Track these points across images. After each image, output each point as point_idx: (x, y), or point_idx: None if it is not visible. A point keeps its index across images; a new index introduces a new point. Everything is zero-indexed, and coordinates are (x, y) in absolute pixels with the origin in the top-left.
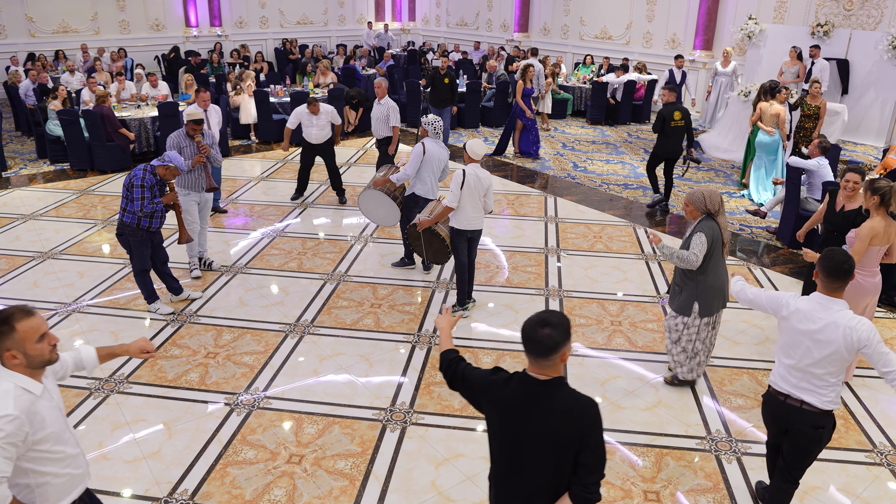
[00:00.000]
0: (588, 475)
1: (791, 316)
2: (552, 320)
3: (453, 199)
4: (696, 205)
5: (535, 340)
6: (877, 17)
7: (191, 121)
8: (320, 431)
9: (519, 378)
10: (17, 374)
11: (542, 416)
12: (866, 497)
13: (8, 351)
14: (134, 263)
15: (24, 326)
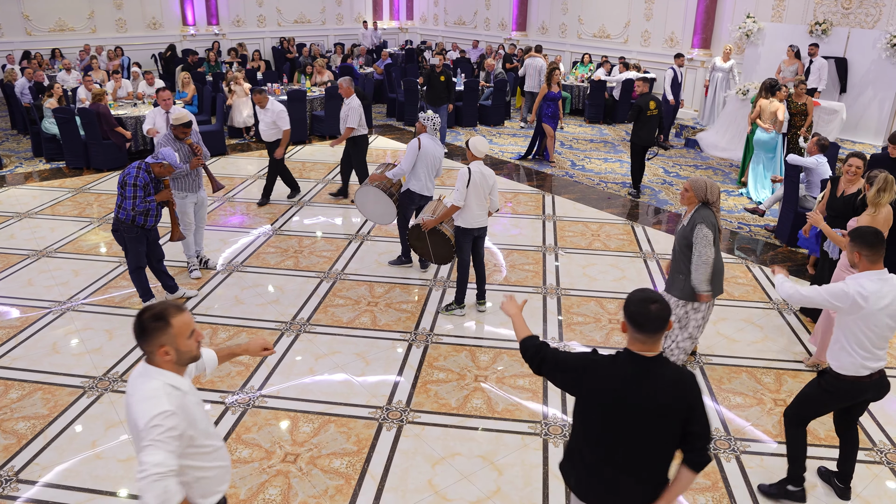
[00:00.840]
0: (699, 440)
1: (869, 302)
2: (655, 296)
3: (460, 197)
4: (697, 192)
5: (651, 317)
6: (875, 16)
7: (179, 125)
8: (316, 430)
9: (626, 356)
10: (166, 372)
11: (653, 390)
12: (866, 496)
13: (161, 347)
14: (129, 260)
15: (178, 322)
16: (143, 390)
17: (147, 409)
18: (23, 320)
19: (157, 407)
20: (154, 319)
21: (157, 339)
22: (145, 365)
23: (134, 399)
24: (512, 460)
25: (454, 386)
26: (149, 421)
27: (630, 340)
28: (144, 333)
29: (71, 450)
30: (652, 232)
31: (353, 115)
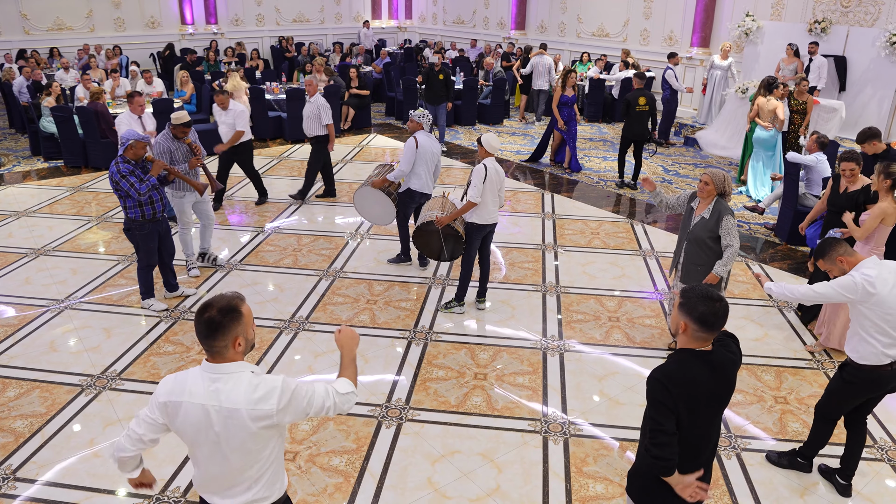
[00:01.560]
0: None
1: (876, 285)
2: (716, 294)
3: (477, 193)
4: (717, 184)
5: (720, 315)
6: (874, 14)
7: (178, 125)
8: (315, 428)
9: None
10: (243, 363)
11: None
12: (867, 493)
13: (237, 338)
14: (140, 258)
15: (247, 310)
16: (245, 384)
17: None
18: (20, 319)
19: (273, 381)
20: (228, 312)
21: (233, 331)
22: (213, 366)
23: (242, 396)
24: (512, 458)
25: (453, 384)
26: (282, 391)
27: (689, 341)
28: (220, 328)
29: (69, 448)
30: (651, 230)
31: (326, 112)
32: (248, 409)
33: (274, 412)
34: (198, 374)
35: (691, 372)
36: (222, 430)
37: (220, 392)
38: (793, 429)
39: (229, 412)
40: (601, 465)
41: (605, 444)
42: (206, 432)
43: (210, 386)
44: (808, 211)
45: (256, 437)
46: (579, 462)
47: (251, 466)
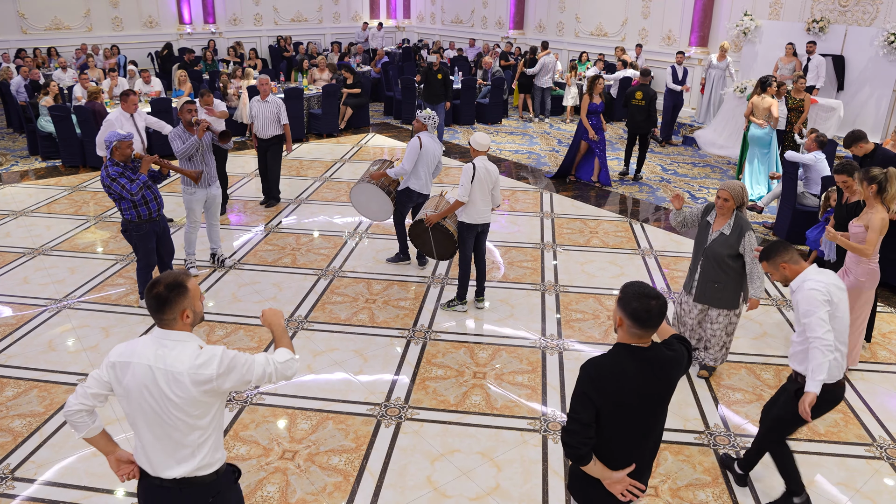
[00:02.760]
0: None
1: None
2: (653, 291)
3: (464, 192)
4: (736, 198)
5: (654, 314)
6: (872, 13)
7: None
8: (314, 427)
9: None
10: (190, 334)
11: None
12: (866, 491)
13: (184, 311)
14: (139, 258)
15: (193, 285)
16: (189, 351)
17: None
18: (18, 318)
19: (216, 349)
20: (173, 287)
21: (180, 304)
22: (162, 333)
23: (185, 361)
24: (511, 457)
25: (453, 383)
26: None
27: (625, 335)
28: (167, 302)
29: (67, 447)
30: (650, 229)
31: (284, 111)
32: (191, 374)
33: (214, 377)
34: (149, 339)
35: (621, 366)
36: (167, 389)
37: (167, 357)
38: None
39: (173, 375)
40: None
41: None
42: (150, 391)
43: (158, 350)
44: (807, 210)
45: (198, 403)
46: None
47: (192, 431)
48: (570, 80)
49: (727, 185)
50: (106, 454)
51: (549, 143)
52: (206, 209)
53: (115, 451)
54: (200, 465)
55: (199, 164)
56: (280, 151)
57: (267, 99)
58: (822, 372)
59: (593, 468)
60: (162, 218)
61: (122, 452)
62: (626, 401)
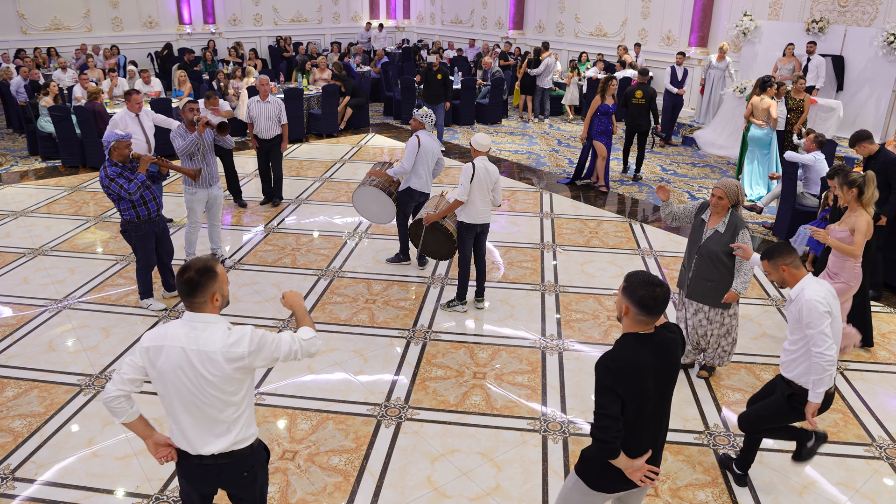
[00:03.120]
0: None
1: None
2: (655, 279)
3: (463, 192)
4: (731, 197)
5: (660, 300)
6: (871, 14)
7: (186, 102)
8: (314, 427)
9: (634, 341)
10: (219, 317)
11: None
12: (866, 491)
13: (213, 294)
14: (138, 258)
15: (221, 270)
16: (220, 331)
17: (239, 335)
18: (18, 318)
19: (245, 328)
20: (204, 272)
21: (210, 287)
22: (193, 316)
23: (217, 342)
24: (511, 457)
25: (453, 383)
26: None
27: (631, 325)
28: (199, 286)
29: (67, 448)
30: (649, 229)
31: (284, 111)
32: (224, 352)
33: (246, 353)
34: (179, 323)
35: (635, 354)
36: (202, 368)
37: (199, 338)
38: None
39: (207, 355)
40: None
41: None
42: (185, 371)
43: (190, 333)
44: (807, 210)
45: (231, 380)
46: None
47: (227, 407)
48: (571, 80)
49: (722, 183)
50: (144, 438)
51: (549, 143)
52: (207, 209)
53: (153, 435)
54: (237, 439)
55: (199, 163)
56: (280, 151)
57: (267, 100)
58: (824, 385)
59: (620, 460)
60: (161, 218)
61: (159, 436)
62: (643, 386)
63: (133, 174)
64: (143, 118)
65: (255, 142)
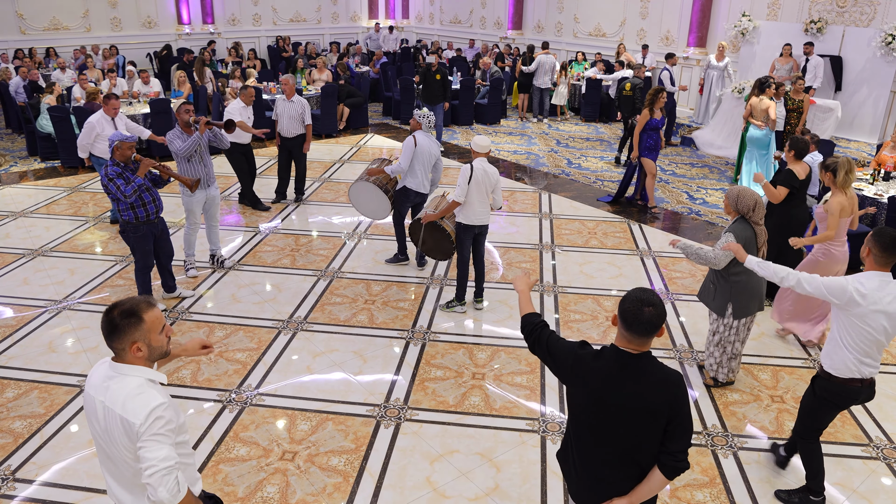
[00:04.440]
0: (676, 444)
1: (866, 301)
2: (653, 300)
3: (461, 193)
4: (730, 202)
5: (642, 321)
6: (870, 14)
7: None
8: (314, 428)
9: (611, 352)
10: (142, 367)
11: (635, 388)
12: (863, 491)
13: (134, 343)
14: (137, 260)
15: (150, 317)
16: (129, 388)
17: (143, 404)
18: (18, 319)
19: (153, 400)
20: (126, 316)
21: (130, 335)
22: (114, 364)
23: (121, 398)
24: (510, 457)
25: (452, 383)
26: (148, 415)
27: (618, 336)
28: (116, 331)
29: (67, 448)
30: (648, 230)
31: (308, 111)
32: (122, 414)
33: (136, 425)
34: (104, 366)
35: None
36: (105, 426)
37: (109, 389)
38: (789, 427)
39: (110, 411)
40: None
41: None
42: (95, 425)
43: (105, 381)
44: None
45: (126, 445)
46: None
47: (131, 473)
48: (560, 80)
49: (729, 187)
50: None
51: (548, 143)
52: (205, 210)
53: None
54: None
55: (197, 164)
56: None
57: (292, 99)
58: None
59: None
60: (161, 220)
61: None
62: (595, 396)
63: (132, 176)
64: (118, 122)
65: (278, 139)
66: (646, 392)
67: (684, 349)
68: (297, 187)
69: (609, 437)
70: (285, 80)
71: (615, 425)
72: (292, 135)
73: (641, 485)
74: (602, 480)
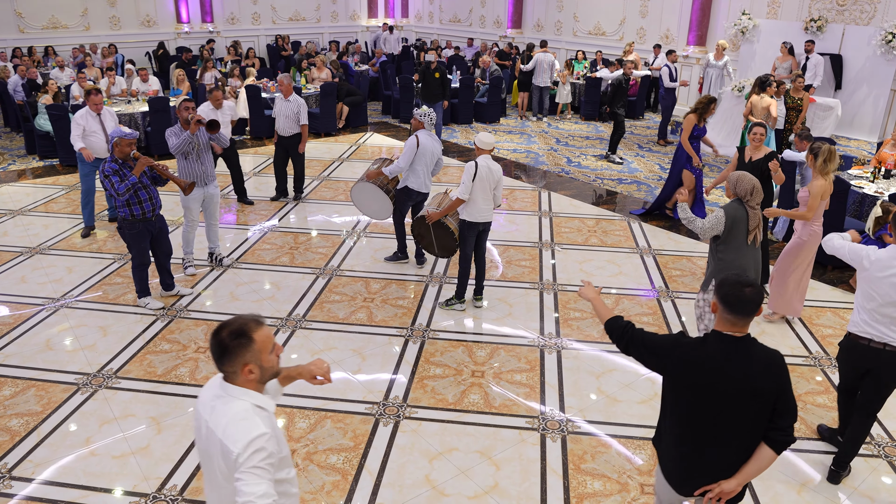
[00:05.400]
0: (784, 419)
1: (872, 266)
2: (750, 280)
3: (465, 190)
4: (730, 185)
5: (745, 301)
6: (870, 13)
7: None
8: (312, 426)
9: (714, 338)
10: (251, 392)
11: (744, 372)
12: (864, 489)
13: (246, 366)
14: (133, 257)
15: (260, 337)
16: (233, 412)
17: (244, 432)
18: (16, 317)
19: (255, 429)
20: (235, 336)
21: (241, 357)
22: (224, 384)
23: (223, 422)
24: (509, 455)
25: (451, 381)
26: (248, 445)
27: (719, 321)
28: (227, 353)
29: (65, 447)
30: (648, 228)
31: (305, 111)
32: (223, 438)
33: (234, 455)
34: (212, 385)
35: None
36: (206, 447)
37: (215, 409)
38: None
39: (212, 433)
40: (599, 462)
41: (603, 442)
42: (198, 442)
43: (212, 400)
44: None
45: (223, 470)
46: (577, 459)
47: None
48: (566, 77)
49: (729, 174)
50: None
51: (548, 141)
52: (204, 208)
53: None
54: None
55: (194, 162)
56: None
57: (289, 98)
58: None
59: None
60: (158, 219)
61: None
62: (705, 382)
63: (128, 173)
64: (104, 118)
65: (276, 137)
66: (754, 374)
67: None
68: (295, 186)
69: (717, 420)
70: (281, 79)
71: (723, 409)
72: (289, 134)
73: (749, 464)
74: (709, 464)
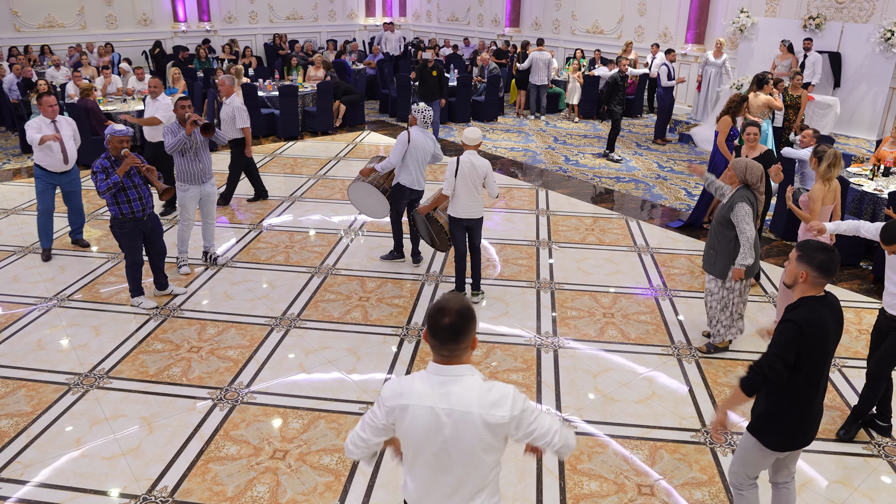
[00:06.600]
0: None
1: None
2: (828, 245)
3: (448, 186)
4: (737, 172)
5: (836, 263)
6: (868, 10)
7: (178, 100)
8: (305, 426)
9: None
10: (470, 365)
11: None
12: (864, 489)
13: (474, 339)
14: (125, 256)
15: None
16: (476, 387)
17: (500, 396)
18: (8, 317)
19: (503, 387)
20: (465, 313)
21: (471, 332)
22: (440, 367)
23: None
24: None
25: None
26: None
27: (809, 287)
28: (462, 332)
29: (55, 448)
30: (646, 226)
31: (241, 114)
32: (482, 413)
33: (508, 419)
34: (424, 376)
35: (822, 316)
36: (452, 433)
37: (452, 394)
38: None
39: (461, 415)
40: (595, 462)
41: (600, 442)
42: (433, 436)
43: (440, 389)
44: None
45: (485, 443)
46: (573, 460)
47: (475, 476)
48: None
49: (734, 161)
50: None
51: (545, 140)
52: (200, 207)
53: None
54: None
55: (191, 160)
56: (239, 155)
57: (227, 101)
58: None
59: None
60: (151, 218)
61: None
62: (826, 347)
63: (112, 172)
64: (60, 125)
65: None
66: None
67: (682, 346)
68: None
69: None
70: (221, 80)
71: (829, 360)
72: (230, 138)
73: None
74: (819, 413)
